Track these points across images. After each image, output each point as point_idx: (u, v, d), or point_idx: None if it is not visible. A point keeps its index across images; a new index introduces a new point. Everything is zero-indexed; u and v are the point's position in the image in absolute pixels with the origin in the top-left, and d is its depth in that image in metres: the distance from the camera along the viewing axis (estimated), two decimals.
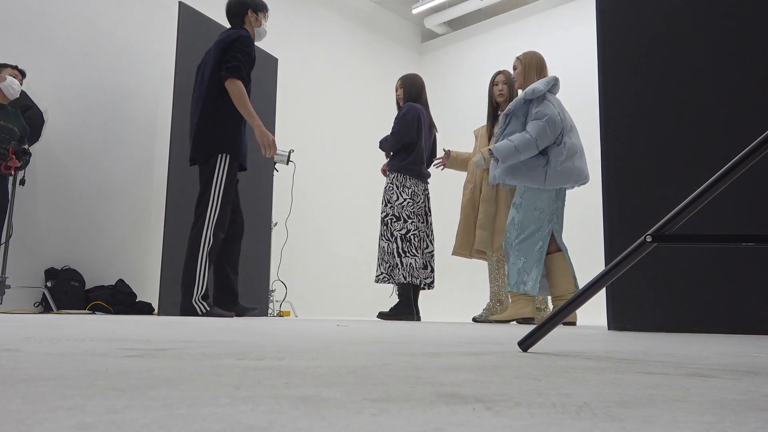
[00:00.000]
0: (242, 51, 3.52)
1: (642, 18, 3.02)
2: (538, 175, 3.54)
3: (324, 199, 7.15)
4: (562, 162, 3.52)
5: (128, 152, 5.37)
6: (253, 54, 3.63)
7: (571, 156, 3.57)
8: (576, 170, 3.59)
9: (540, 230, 3.57)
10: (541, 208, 3.58)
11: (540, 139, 3.48)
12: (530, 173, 3.55)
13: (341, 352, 0.94)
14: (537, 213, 3.57)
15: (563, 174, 3.54)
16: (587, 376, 0.67)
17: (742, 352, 1.21)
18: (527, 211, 3.57)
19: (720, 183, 0.95)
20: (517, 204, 3.64)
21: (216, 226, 3.49)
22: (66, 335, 1.23)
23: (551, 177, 3.52)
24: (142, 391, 0.46)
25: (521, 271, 3.56)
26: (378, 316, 4.32)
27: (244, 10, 3.70)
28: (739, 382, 0.64)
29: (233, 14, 3.72)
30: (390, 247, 4.20)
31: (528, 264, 3.54)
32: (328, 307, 6.95)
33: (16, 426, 0.32)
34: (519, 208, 3.61)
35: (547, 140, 3.49)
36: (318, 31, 7.44)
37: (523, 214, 3.58)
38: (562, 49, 7.29)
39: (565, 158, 3.52)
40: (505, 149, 3.52)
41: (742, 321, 2.54)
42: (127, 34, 5.42)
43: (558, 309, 1.03)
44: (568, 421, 0.37)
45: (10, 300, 4.46)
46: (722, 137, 2.68)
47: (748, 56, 2.70)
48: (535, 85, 3.57)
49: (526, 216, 3.57)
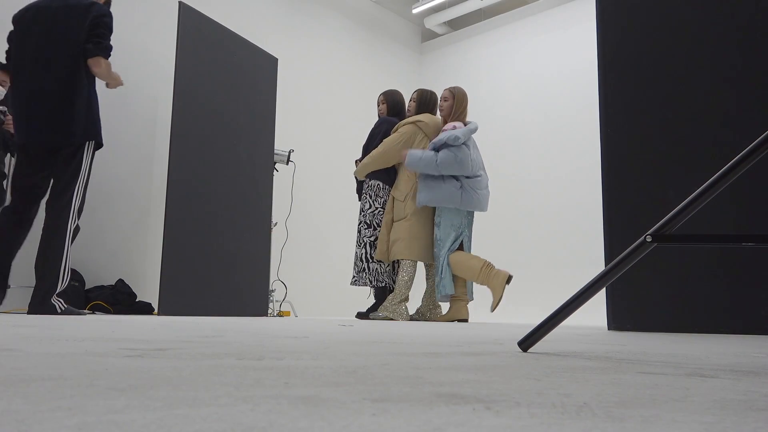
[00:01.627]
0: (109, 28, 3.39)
1: (642, 18, 3.02)
2: (455, 198, 4.21)
3: (324, 199, 7.15)
4: (475, 190, 4.26)
5: (128, 152, 5.37)
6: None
7: (480, 188, 4.30)
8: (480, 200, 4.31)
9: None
10: (455, 225, 4.27)
11: (441, 165, 4.15)
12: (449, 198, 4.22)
13: (341, 352, 0.94)
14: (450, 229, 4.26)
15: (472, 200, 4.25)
16: (587, 376, 0.67)
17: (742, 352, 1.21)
18: (444, 228, 4.27)
19: (720, 183, 0.95)
20: (437, 223, 4.32)
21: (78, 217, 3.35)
22: (66, 335, 1.23)
23: (465, 200, 4.21)
24: (142, 391, 0.46)
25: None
26: (356, 316, 4.54)
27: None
28: (739, 382, 0.64)
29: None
30: (360, 253, 4.47)
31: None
32: (328, 307, 6.95)
33: (16, 426, 0.32)
34: (438, 226, 4.30)
35: (448, 170, 4.15)
36: (318, 31, 7.44)
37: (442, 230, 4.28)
38: (562, 49, 7.29)
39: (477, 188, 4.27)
40: (413, 156, 4.24)
41: (742, 321, 2.55)
42: (127, 34, 5.42)
43: (558, 309, 1.03)
44: (568, 421, 0.37)
45: (10, 300, 4.45)
46: (722, 137, 2.68)
47: (748, 56, 2.70)
48: (456, 134, 4.16)
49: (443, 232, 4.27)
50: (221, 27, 5.14)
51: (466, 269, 4.13)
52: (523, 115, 7.51)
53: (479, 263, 4.10)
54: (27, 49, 3.29)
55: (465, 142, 4.19)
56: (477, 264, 4.10)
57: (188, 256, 4.64)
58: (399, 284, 4.31)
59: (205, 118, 4.87)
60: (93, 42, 3.29)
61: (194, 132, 4.78)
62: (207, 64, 4.93)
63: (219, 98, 5.01)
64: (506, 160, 7.42)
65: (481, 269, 4.06)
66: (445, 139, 4.16)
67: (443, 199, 4.20)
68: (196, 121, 4.81)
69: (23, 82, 3.30)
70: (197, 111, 4.81)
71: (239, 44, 5.31)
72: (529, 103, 7.47)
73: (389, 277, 4.50)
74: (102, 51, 3.30)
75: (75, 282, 4.68)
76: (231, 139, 5.04)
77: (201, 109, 4.85)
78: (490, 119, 7.62)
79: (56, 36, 3.29)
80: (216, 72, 5.01)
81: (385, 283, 4.45)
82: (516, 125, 7.53)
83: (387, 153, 4.43)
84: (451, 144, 4.15)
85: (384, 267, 4.47)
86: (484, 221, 6.43)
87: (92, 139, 3.35)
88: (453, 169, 4.15)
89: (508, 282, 4.03)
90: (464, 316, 4.30)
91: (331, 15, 7.67)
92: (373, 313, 4.38)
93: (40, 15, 3.31)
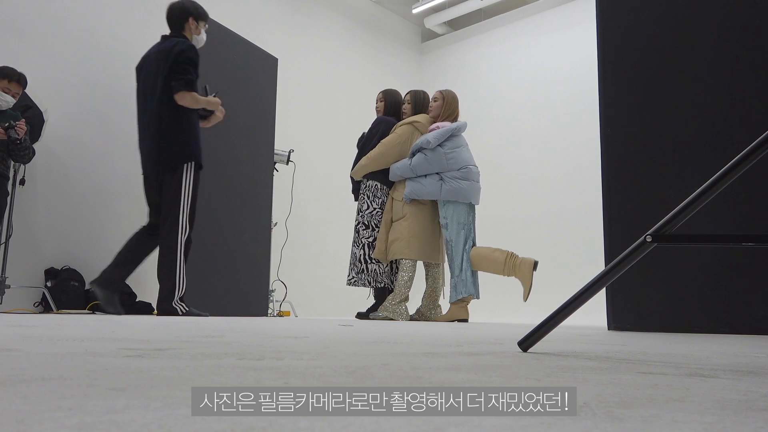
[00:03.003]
0: (192, 63, 3.71)
1: (642, 18, 3.02)
2: (434, 191, 4.33)
3: (324, 199, 7.14)
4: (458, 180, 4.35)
5: (128, 152, 5.36)
6: (199, 63, 3.83)
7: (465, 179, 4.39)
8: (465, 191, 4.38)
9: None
10: (462, 223, 4.32)
11: (415, 168, 4.35)
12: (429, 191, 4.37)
13: (341, 352, 0.94)
14: (458, 227, 4.32)
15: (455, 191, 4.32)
16: (587, 376, 0.67)
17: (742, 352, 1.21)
18: (452, 227, 4.33)
19: (720, 183, 0.95)
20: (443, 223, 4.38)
21: (189, 228, 3.74)
22: (66, 335, 1.23)
23: (446, 191, 4.31)
24: (142, 391, 0.46)
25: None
26: (356, 316, 4.54)
27: (186, 18, 3.84)
28: (739, 382, 0.64)
29: (174, 19, 3.83)
30: (359, 253, 4.47)
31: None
32: (328, 307, 6.95)
33: (16, 426, 0.32)
34: (446, 227, 4.35)
35: (422, 171, 4.34)
36: (318, 31, 7.44)
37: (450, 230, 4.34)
38: (562, 49, 7.29)
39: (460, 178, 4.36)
40: (393, 168, 4.48)
41: (742, 321, 2.54)
42: (127, 34, 5.42)
43: (558, 309, 1.03)
44: (568, 421, 0.37)
45: (10, 300, 4.45)
46: (722, 137, 2.68)
47: (748, 56, 2.70)
48: (428, 138, 4.33)
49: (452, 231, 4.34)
50: (221, 27, 5.14)
51: (491, 263, 4.12)
52: (523, 115, 7.51)
53: (502, 255, 4.08)
54: (138, 93, 3.82)
55: (441, 143, 4.36)
56: (501, 256, 4.08)
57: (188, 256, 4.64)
58: (399, 284, 4.31)
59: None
60: (176, 78, 3.67)
61: None
62: (207, 63, 4.93)
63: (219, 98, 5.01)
64: (506, 160, 7.42)
65: (506, 261, 4.05)
66: (420, 144, 4.38)
67: (424, 192, 4.35)
68: None
69: (138, 121, 3.84)
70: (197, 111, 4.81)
71: (239, 44, 5.30)
72: (529, 103, 7.47)
73: (388, 277, 4.50)
74: (184, 85, 3.66)
75: (75, 282, 4.68)
76: (231, 139, 5.04)
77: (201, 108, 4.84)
78: (490, 119, 7.62)
79: (152, 78, 3.73)
80: (216, 72, 5.01)
81: (384, 283, 4.45)
82: (516, 125, 7.53)
83: (385, 154, 4.44)
84: (424, 147, 4.36)
85: (383, 267, 4.47)
86: (484, 221, 6.42)
87: (189, 161, 3.73)
88: (426, 169, 4.34)
89: (535, 268, 4.02)
90: (464, 316, 4.30)
91: (331, 15, 7.67)
92: (373, 314, 4.38)
93: (145, 62, 3.81)
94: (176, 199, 3.71)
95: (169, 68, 3.67)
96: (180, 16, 3.83)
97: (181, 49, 3.67)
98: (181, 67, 3.66)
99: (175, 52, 3.67)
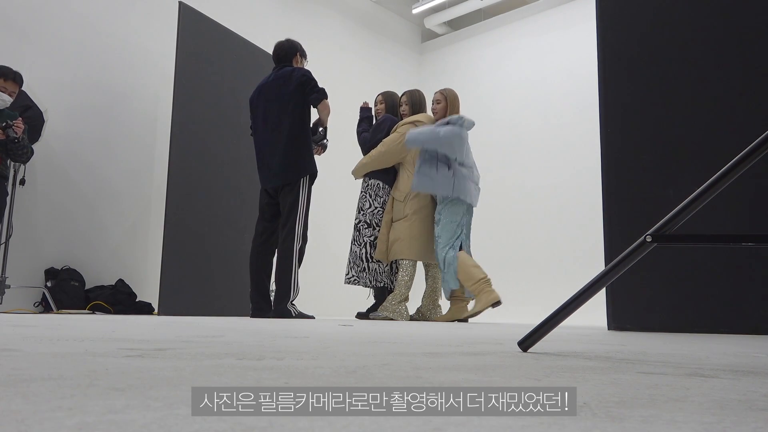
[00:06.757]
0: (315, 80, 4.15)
1: (642, 18, 3.02)
2: (447, 186, 4.20)
3: (324, 199, 7.14)
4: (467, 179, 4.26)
5: (128, 152, 5.37)
6: None
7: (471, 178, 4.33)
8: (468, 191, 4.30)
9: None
10: (455, 222, 4.26)
11: (445, 137, 4.15)
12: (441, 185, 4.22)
13: (341, 352, 0.94)
14: (453, 225, 4.26)
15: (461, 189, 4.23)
16: (587, 376, 0.67)
17: (742, 352, 1.21)
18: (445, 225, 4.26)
19: (720, 183, 0.95)
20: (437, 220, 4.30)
21: (303, 239, 4.10)
22: (66, 335, 1.23)
23: (457, 188, 4.20)
24: (142, 391, 0.46)
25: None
26: (356, 316, 4.55)
27: (293, 53, 4.34)
28: (739, 382, 0.64)
29: (284, 54, 4.30)
30: (360, 252, 4.48)
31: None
32: (328, 307, 6.95)
33: (16, 426, 0.32)
34: (438, 223, 4.28)
35: (449, 144, 4.17)
36: (318, 31, 7.44)
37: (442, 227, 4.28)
38: (562, 49, 7.28)
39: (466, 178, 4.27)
40: (412, 132, 4.26)
41: (742, 321, 2.54)
42: (127, 34, 5.42)
43: (558, 309, 1.03)
44: (568, 421, 0.37)
45: (10, 300, 4.45)
46: (722, 137, 2.68)
47: (748, 56, 2.70)
48: (462, 115, 4.32)
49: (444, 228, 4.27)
50: (221, 27, 5.14)
51: (465, 274, 4.12)
52: (523, 115, 7.51)
53: (480, 275, 4.08)
54: (258, 117, 4.16)
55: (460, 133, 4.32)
56: (478, 274, 4.08)
57: (188, 256, 4.64)
58: (399, 284, 4.31)
59: (205, 118, 4.87)
60: (314, 92, 4.07)
61: (194, 132, 4.78)
62: (207, 63, 4.93)
63: (219, 98, 5.01)
64: (506, 160, 7.41)
65: (478, 280, 4.05)
66: (448, 119, 4.29)
67: (437, 186, 4.22)
68: (196, 121, 4.81)
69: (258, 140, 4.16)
70: (197, 111, 4.81)
71: (239, 44, 5.31)
72: (529, 103, 7.47)
73: (388, 277, 4.50)
74: (323, 95, 4.08)
75: (75, 282, 4.68)
76: (231, 139, 5.04)
77: (201, 109, 4.85)
78: (490, 119, 7.61)
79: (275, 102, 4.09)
80: (216, 72, 5.01)
81: (384, 283, 4.45)
82: (516, 125, 7.53)
83: (387, 153, 4.43)
84: (454, 123, 4.27)
85: (383, 267, 4.47)
86: (484, 221, 6.42)
87: (305, 174, 4.06)
88: (449, 144, 4.19)
89: (494, 306, 4.01)
90: (464, 316, 4.29)
91: (331, 15, 7.66)
92: (373, 313, 4.38)
93: (264, 89, 4.20)
94: (293, 209, 4.02)
95: (298, 87, 4.06)
96: (290, 51, 4.31)
97: (303, 72, 4.12)
98: (309, 85, 4.08)
99: (298, 74, 4.10)
